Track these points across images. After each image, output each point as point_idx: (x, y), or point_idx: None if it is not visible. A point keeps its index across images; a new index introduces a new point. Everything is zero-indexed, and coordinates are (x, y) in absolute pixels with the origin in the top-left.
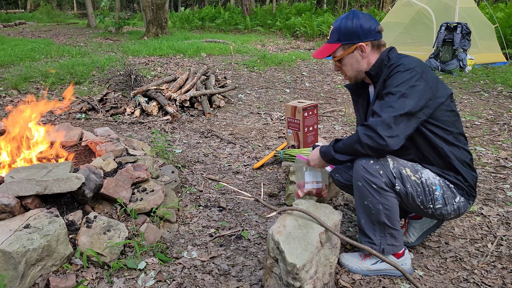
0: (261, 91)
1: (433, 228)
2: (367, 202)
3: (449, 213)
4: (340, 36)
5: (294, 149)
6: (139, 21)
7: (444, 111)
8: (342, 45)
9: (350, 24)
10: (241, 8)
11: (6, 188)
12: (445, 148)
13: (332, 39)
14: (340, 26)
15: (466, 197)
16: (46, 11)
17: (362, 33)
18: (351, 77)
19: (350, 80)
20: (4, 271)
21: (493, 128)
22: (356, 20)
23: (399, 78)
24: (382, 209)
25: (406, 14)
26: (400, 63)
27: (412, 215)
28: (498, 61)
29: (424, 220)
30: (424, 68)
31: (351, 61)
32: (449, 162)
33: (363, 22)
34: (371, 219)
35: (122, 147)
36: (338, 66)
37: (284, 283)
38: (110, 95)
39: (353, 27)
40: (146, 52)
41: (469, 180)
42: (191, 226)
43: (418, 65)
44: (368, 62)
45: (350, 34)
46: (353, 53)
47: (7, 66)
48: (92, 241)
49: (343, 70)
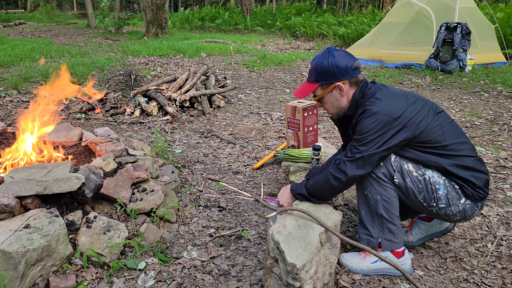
0: (261, 91)
1: (439, 233)
2: (367, 191)
3: (454, 214)
4: (318, 76)
5: (294, 149)
6: (139, 21)
7: (429, 131)
8: (321, 85)
9: (326, 64)
10: (241, 8)
11: (6, 188)
12: (440, 161)
13: (310, 79)
14: (317, 66)
15: (472, 199)
16: (46, 11)
17: (338, 73)
18: (333, 114)
19: (333, 116)
20: (4, 271)
21: (493, 128)
22: (332, 59)
23: (365, 124)
24: (380, 199)
25: (406, 14)
26: (366, 109)
27: (422, 215)
28: (498, 61)
29: (433, 224)
30: (392, 105)
31: (331, 99)
32: (449, 171)
33: (339, 61)
34: (370, 210)
35: (122, 147)
36: (319, 103)
37: (284, 283)
38: (110, 95)
39: (329, 67)
40: (146, 52)
41: (475, 182)
42: (191, 226)
43: (385, 104)
44: (348, 98)
45: (326, 74)
46: (332, 92)
47: (7, 66)
48: (92, 241)
49: (324, 107)
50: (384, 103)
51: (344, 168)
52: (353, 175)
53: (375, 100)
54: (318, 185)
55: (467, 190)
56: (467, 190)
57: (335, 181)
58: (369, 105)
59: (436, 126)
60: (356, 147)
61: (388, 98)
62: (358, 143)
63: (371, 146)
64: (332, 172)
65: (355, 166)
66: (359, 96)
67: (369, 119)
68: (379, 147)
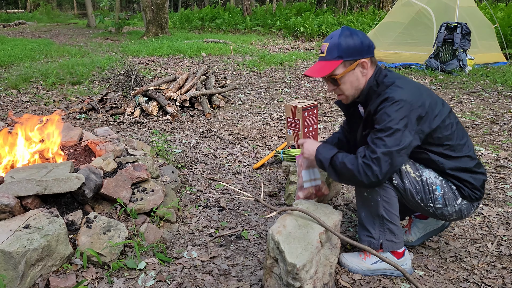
0: (261, 91)
1: (436, 231)
2: (367, 193)
3: (451, 214)
4: (341, 52)
5: (294, 149)
6: (139, 21)
7: (442, 128)
8: (344, 62)
9: (351, 39)
10: (241, 8)
11: (6, 188)
12: (444, 162)
13: (331, 56)
14: (340, 42)
15: (469, 199)
16: (46, 11)
17: (363, 49)
18: (349, 96)
19: (346, 100)
20: (4, 271)
21: (493, 128)
22: (355, 35)
23: (388, 112)
24: (381, 201)
25: (406, 14)
26: (388, 96)
27: (417, 214)
28: (498, 61)
29: (430, 221)
30: (414, 94)
31: (351, 79)
32: (448, 173)
33: (363, 38)
34: (371, 211)
35: (122, 147)
36: (333, 85)
37: (284, 283)
38: (110, 95)
39: (355, 43)
40: (146, 52)
41: (474, 183)
42: (191, 226)
43: (407, 92)
44: (366, 80)
45: (351, 50)
46: (354, 70)
47: (7, 66)
48: (92, 241)
49: (340, 89)
50: (406, 91)
51: (376, 168)
52: (384, 176)
53: (396, 88)
54: (345, 168)
55: (464, 191)
56: (464, 191)
57: (363, 177)
58: (390, 92)
59: (448, 124)
60: (381, 138)
61: (408, 87)
62: (383, 133)
63: (396, 137)
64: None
65: (381, 164)
66: (373, 83)
67: (393, 107)
68: (406, 137)
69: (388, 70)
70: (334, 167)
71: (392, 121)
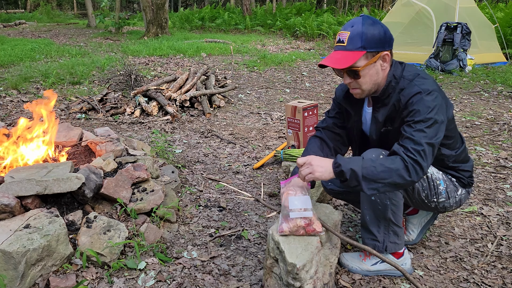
0: (261, 91)
1: (430, 221)
2: (375, 197)
3: (451, 205)
4: (365, 42)
5: (294, 149)
6: (139, 21)
7: (450, 121)
8: (366, 54)
9: (375, 30)
10: (241, 8)
11: (6, 188)
12: (449, 155)
13: (354, 46)
14: (364, 31)
15: (467, 187)
16: (46, 11)
17: (386, 41)
18: (365, 91)
19: (360, 95)
20: (4, 271)
21: (493, 128)
22: (379, 26)
23: (426, 103)
24: (390, 204)
25: (406, 14)
26: (421, 88)
27: (408, 210)
28: (498, 61)
29: (421, 213)
30: (437, 83)
31: (371, 72)
32: (451, 166)
33: (386, 28)
34: (377, 215)
35: (122, 147)
36: (351, 78)
37: (284, 283)
38: (110, 95)
39: (380, 34)
40: (146, 52)
41: (469, 169)
42: (191, 226)
43: (434, 83)
44: (384, 75)
45: (376, 41)
46: (375, 63)
47: (7, 66)
48: (92, 241)
49: (358, 83)
50: (433, 82)
51: (424, 162)
52: (427, 170)
53: (423, 80)
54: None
55: (464, 180)
56: (464, 180)
57: (413, 173)
58: (420, 84)
59: (453, 118)
60: (422, 130)
61: (432, 78)
62: (423, 124)
63: (436, 128)
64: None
65: (427, 157)
66: (392, 78)
67: (429, 97)
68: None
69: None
70: (370, 174)
71: (431, 111)
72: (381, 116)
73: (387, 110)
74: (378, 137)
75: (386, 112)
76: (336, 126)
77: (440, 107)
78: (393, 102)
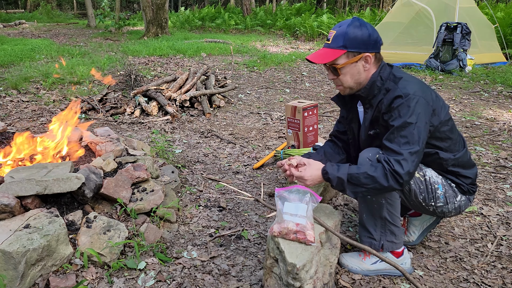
0: (261, 91)
1: (433, 225)
2: (371, 195)
3: (450, 211)
4: (347, 42)
5: (294, 149)
6: (139, 21)
7: (444, 123)
8: (347, 53)
9: (359, 32)
10: (241, 8)
11: (6, 188)
12: (448, 159)
13: (336, 44)
14: (348, 32)
15: (467, 195)
16: (46, 11)
17: (369, 43)
18: (347, 88)
19: (343, 91)
20: (4, 271)
21: (493, 128)
22: (365, 27)
23: (405, 108)
24: (385, 203)
25: (406, 14)
26: (402, 92)
27: (411, 212)
28: (498, 61)
29: (424, 217)
30: (423, 88)
31: (352, 71)
32: (451, 170)
33: (371, 31)
34: (373, 213)
35: (122, 147)
36: (333, 75)
37: (284, 283)
38: (110, 95)
39: (362, 35)
40: (146, 52)
41: (470, 176)
42: (191, 226)
43: (418, 86)
44: (368, 75)
45: (357, 42)
46: (356, 63)
47: (7, 66)
48: (92, 241)
49: (340, 80)
50: (416, 85)
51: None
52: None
53: (406, 82)
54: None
55: (463, 187)
56: (464, 186)
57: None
58: (403, 87)
59: (449, 119)
60: (403, 136)
61: (416, 81)
62: (403, 130)
63: (417, 132)
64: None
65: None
66: (377, 79)
67: (409, 102)
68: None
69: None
70: (354, 180)
71: (411, 116)
72: (369, 117)
73: (373, 111)
74: (366, 139)
75: (373, 112)
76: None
77: (422, 110)
78: (377, 104)
